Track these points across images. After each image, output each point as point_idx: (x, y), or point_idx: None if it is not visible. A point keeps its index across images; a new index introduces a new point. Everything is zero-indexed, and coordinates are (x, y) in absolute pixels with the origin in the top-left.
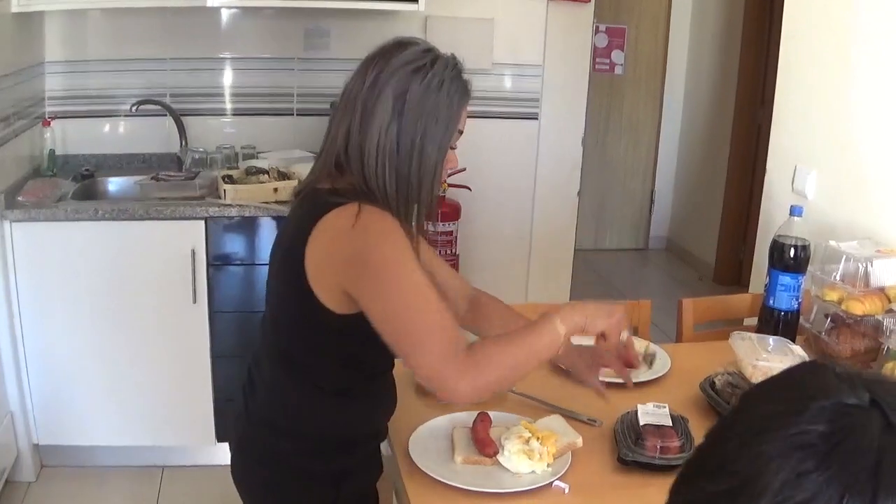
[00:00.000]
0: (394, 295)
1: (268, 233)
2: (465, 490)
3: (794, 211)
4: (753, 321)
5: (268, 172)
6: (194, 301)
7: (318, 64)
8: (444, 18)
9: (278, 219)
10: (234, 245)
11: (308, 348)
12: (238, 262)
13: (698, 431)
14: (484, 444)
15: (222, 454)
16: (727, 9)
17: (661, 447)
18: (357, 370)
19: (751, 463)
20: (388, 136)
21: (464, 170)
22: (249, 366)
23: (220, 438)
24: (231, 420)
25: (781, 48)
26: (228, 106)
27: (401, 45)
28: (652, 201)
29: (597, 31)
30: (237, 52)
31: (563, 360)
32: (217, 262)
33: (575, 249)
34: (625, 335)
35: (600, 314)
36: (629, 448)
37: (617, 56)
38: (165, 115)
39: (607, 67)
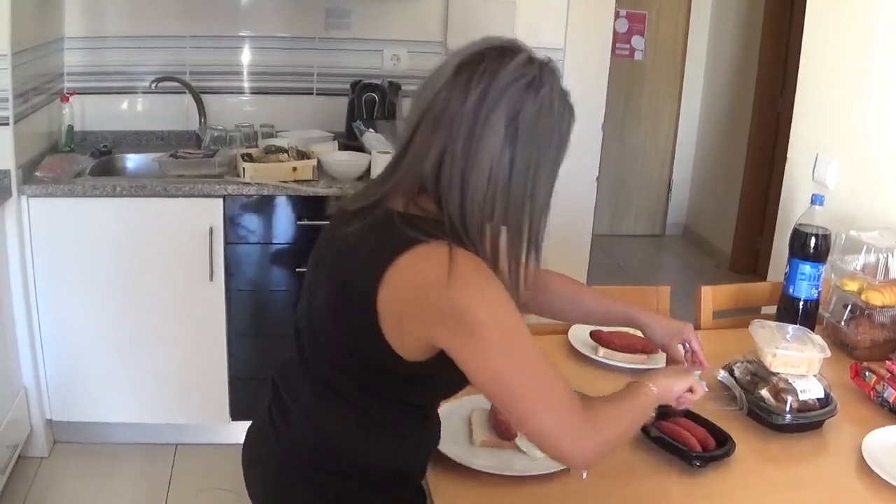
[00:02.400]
0: (502, 359)
1: (286, 212)
2: (484, 473)
3: (816, 200)
4: (772, 310)
5: (287, 151)
6: (211, 279)
7: (339, 44)
8: (465, 0)
9: (296, 198)
10: (252, 223)
11: (367, 390)
12: (255, 241)
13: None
14: (503, 427)
15: (236, 432)
16: None
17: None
18: (416, 410)
19: None
20: (501, 165)
21: None
22: (279, 386)
23: (234, 417)
24: (254, 441)
25: (804, 38)
26: (248, 84)
27: (504, 51)
28: (669, 188)
29: (617, 16)
30: (257, 30)
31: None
32: (234, 240)
33: (591, 235)
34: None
35: (681, 377)
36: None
37: (637, 42)
38: (184, 93)
39: (627, 53)
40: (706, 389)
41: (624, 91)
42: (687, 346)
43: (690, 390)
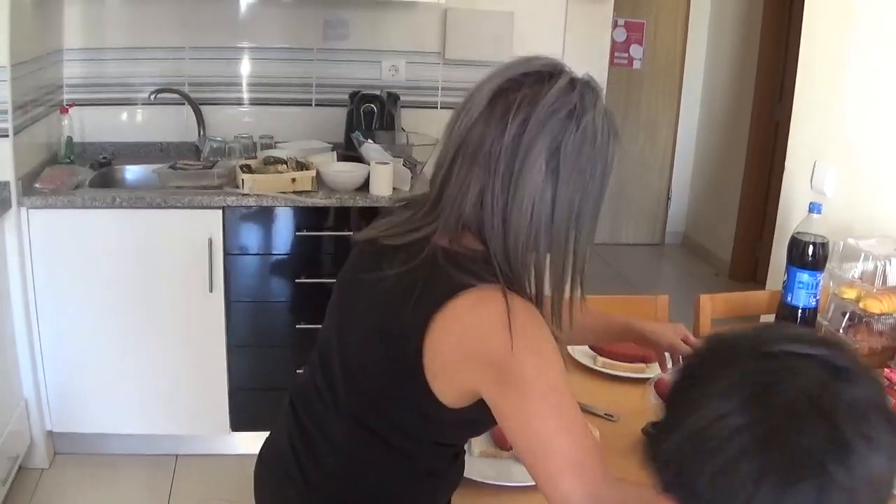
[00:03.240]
0: (543, 420)
1: (285, 223)
2: (482, 483)
3: (814, 208)
4: (771, 318)
5: (286, 162)
6: (210, 290)
7: (337, 55)
8: (463, 11)
9: (295, 209)
10: (251, 235)
11: (402, 430)
12: (255, 252)
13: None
14: (501, 437)
15: (236, 443)
16: (746, 5)
17: None
18: (450, 449)
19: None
20: (543, 202)
21: None
22: (300, 415)
23: (234, 427)
24: (275, 472)
25: (801, 46)
26: (247, 95)
27: (541, 77)
28: (669, 197)
29: (615, 25)
30: (256, 41)
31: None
32: (234, 251)
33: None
34: None
35: None
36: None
37: (635, 51)
38: (183, 104)
39: (625, 62)
40: None
41: (622, 100)
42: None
43: None
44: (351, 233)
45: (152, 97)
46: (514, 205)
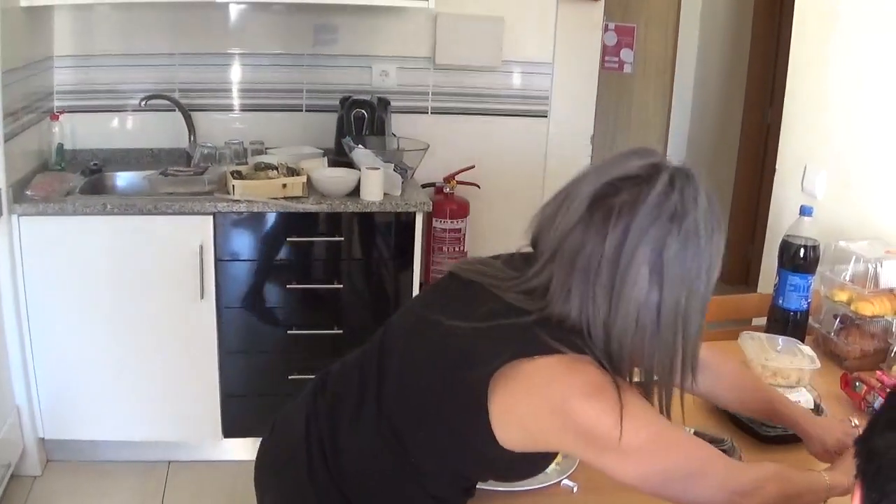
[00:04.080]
0: (646, 466)
1: (276, 229)
2: (493, 490)
3: (804, 211)
4: (762, 321)
5: (276, 168)
6: (202, 296)
7: (328, 60)
8: (453, 16)
9: (286, 215)
10: (243, 241)
11: (435, 453)
12: (246, 258)
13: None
14: None
15: (228, 450)
16: (737, 8)
17: None
18: (465, 482)
19: None
20: (647, 310)
21: (473, 167)
22: (330, 404)
23: (226, 434)
24: (285, 447)
25: (791, 48)
26: (237, 101)
27: (640, 180)
28: None
29: (606, 29)
30: (246, 47)
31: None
32: (225, 257)
33: None
34: None
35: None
36: None
37: (626, 55)
38: (174, 110)
39: (616, 66)
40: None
41: (613, 104)
42: None
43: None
44: (342, 238)
45: (143, 104)
46: (617, 315)
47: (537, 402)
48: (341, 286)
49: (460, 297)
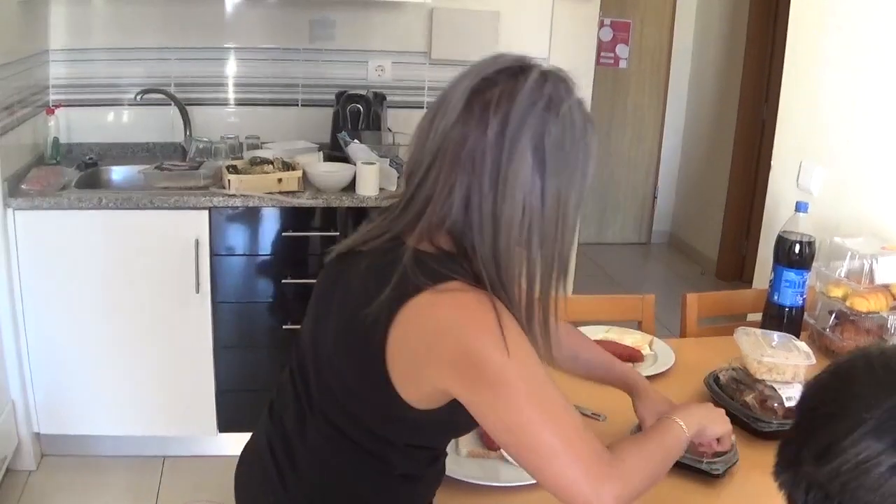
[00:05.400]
0: (522, 411)
1: (271, 223)
2: (470, 483)
3: (800, 207)
4: (757, 317)
5: (272, 163)
6: (197, 291)
7: (324, 55)
8: (450, 10)
9: (281, 209)
10: (238, 235)
11: (378, 436)
12: (241, 253)
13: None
14: (489, 437)
15: (223, 445)
16: (732, 4)
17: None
18: (429, 452)
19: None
20: (533, 196)
21: None
22: (281, 424)
23: (221, 428)
24: (255, 482)
25: (787, 45)
26: (233, 96)
27: (514, 72)
28: (655, 196)
29: (601, 24)
30: (242, 41)
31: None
32: (220, 251)
33: (578, 243)
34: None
35: (718, 420)
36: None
37: (621, 50)
38: (170, 105)
39: (612, 62)
40: (733, 442)
41: (608, 99)
42: None
43: (719, 441)
44: (338, 233)
45: (138, 98)
46: (504, 202)
47: (415, 346)
48: None
49: (338, 270)
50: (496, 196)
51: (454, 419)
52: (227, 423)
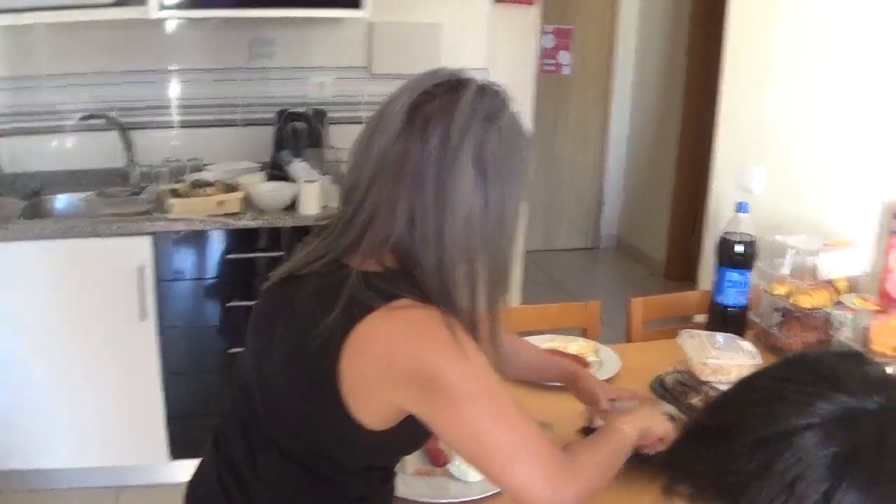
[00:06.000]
0: (478, 419)
1: (215, 246)
2: (419, 502)
3: (740, 208)
4: (703, 318)
5: (213, 185)
6: (143, 317)
7: (264, 73)
8: (389, 24)
9: (225, 232)
10: (183, 260)
11: (329, 459)
12: (186, 278)
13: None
14: (434, 455)
15: (177, 472)
16: (674, 8)
17: None
18: (380, 472)
19: (746, 410)
20: (476, 207)
21: None
22: (229, 453)
23: (173, 456)
24: None
25: (726, 46)
26: (175, 118)
27: (452, 85)
28: (601, 201)
29: (543, 32)
30: (183, 63)
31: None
32: (165, 277)
33: (525, 251)
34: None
35: (658, 421)
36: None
37: (564, 57)
38: (113, 130)
39: (554, 68)
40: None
41: (552, 106)
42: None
43: (663, 440)
44: (282, 253)
45: (80, 123)
46: (447, 215)
47: (368, 367)
48: None
49: (280, 296)
50: (440, 210)
51: (407, 437)
52: (179, 450)
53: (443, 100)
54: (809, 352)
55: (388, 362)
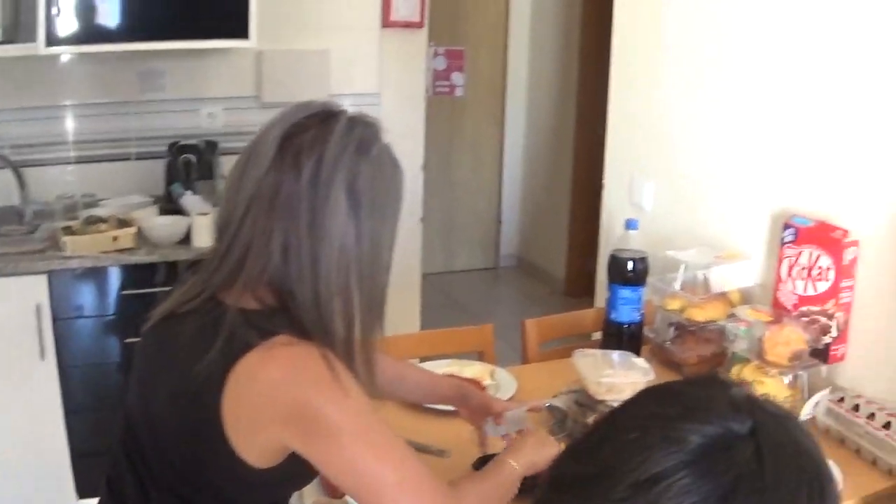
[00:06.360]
0: (362, 456)
1: (111, 283)
2: None
3: (630, 224)
4: (598, 335)
5: (107, 221)
6: (42, 357)
7: (155, 106)
8: (278, 52)
9: (120, 268)
10: (80, 297)
11: (219, 498)
12: (83, 315)
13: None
14: (332, 487)
15: None
16: (565, 27)
17: None
18: None
19: (618, 453)
20: (348, 238)
21: None
22: (119, 498)
23: (80, 494)
24: None
25: (613, 63)
26: (68, 154)
27: (324, 116)
28: (499, 220)
29: (435, 53)
30: (74, 98)
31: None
32: (63, 315)
33: (424, 274)
34: None
35: (546, 447)
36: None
37: (457, 78)
38: (5, 168)
39: (447, 90)
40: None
41: (447, 128)
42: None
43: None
44: None
45: None
46: (321, 246)
47: (251, 406)
48: None
49: (164, 341)
50: (314, 241)
51: (295, 472)
52: (86, 488)
53: (315, 131)
54: (670, 383)
55: (270, 401)
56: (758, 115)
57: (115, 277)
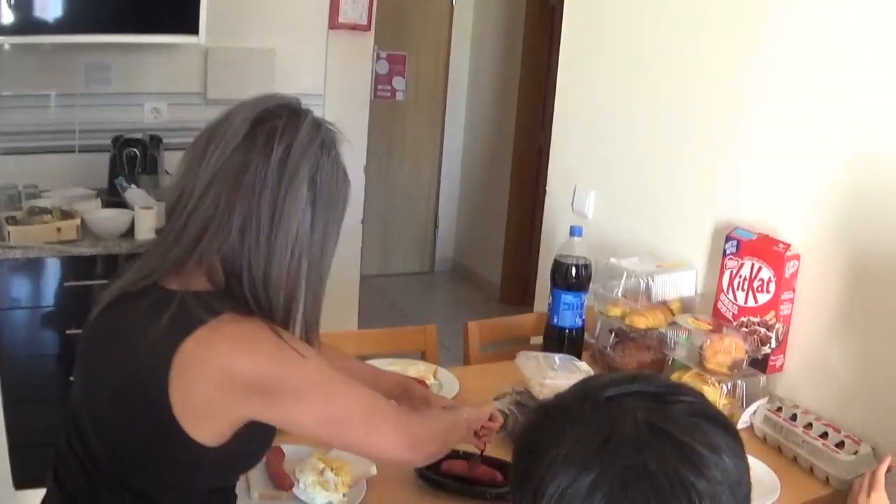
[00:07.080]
0: (326, 402)
1: (53, 274)
2: None
3: (574, 231)
4: (540, 339)
5: (51, 212)
6: None
7: (100, 99)
8: (224, 49)
9: (62, 259)
10: (20, 288)
11: (171, 486)
12: (25, 306)
13: (494, 452)
14: (279, 478)
15: (24, 501)
16: (507, 34)
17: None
18: (221, 492)
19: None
20: (304, 226)
21: None
22: (72, 498)
23: (18, 486)
24: None
25: (559, 73)
26: (10, 144)
27: (294, 109)
28: (436, 225)
29: (378, 57)
30: (18, 89)
31: None
32: (4, 305)
33: (361, 276)
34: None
35: (483, 406)
36: None
37: (398, 83)
38: None
39: (389, 94)
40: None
41: (386, 131)
42: None
43: (491, 418)
44: None
45: None
46: (279, 228)
47: (203, 384)
48: None
49: (108, 319)
50: (273, 222)
51: (244, 449)
52: (24, 479)
53: (286, 119)
54: (558, 399)
55: (228, 377)
56: (702, 128)
57: (55, 269)
